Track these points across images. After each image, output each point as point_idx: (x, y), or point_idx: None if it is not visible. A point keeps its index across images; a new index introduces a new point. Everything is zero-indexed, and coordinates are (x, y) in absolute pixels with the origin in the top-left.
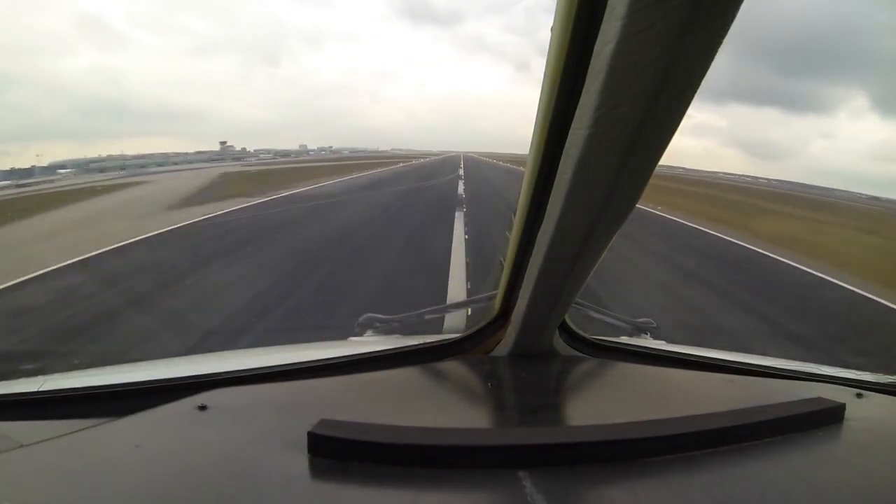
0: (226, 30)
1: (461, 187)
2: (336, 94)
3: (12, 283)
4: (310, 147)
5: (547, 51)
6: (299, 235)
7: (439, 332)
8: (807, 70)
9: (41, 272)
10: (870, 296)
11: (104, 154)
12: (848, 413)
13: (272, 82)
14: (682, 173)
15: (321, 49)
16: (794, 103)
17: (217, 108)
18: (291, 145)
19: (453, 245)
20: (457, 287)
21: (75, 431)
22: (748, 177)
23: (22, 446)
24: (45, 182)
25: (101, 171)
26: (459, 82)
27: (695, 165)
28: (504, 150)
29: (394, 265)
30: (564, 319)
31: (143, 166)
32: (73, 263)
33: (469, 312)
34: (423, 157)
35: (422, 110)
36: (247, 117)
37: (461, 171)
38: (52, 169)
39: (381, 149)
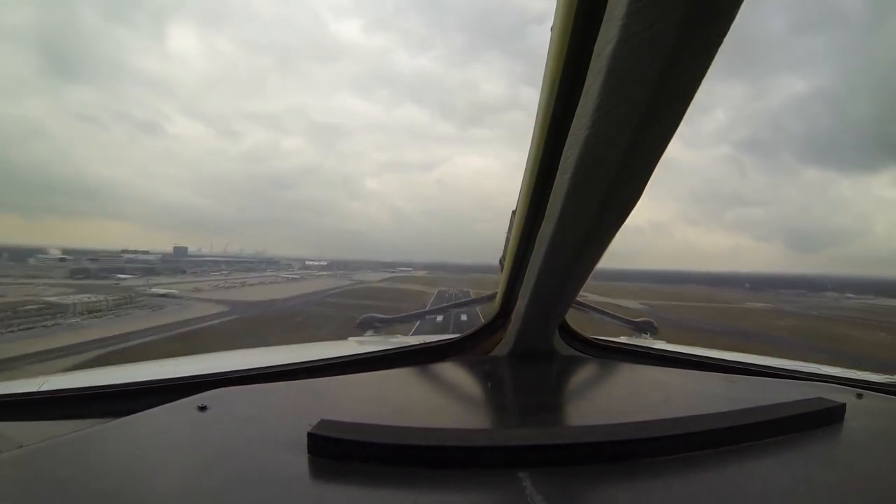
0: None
1: None
2: (305, 185)
3: None
4: (211, 251)
5: (547, 51)
6: None
7: (439, 332)
8: None
9: None
10: None
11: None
12: (848, 413)
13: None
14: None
15: (293, 131)
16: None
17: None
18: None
19: None
20: None
21: (75, 431)
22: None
23: (22, 446)
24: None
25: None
26: (449, 173)
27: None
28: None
29: None
30: (564, 319)
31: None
32: None
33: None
34: None
35: (411, 211)
36: (201, 208)
37: None
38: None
39: (311, 262)
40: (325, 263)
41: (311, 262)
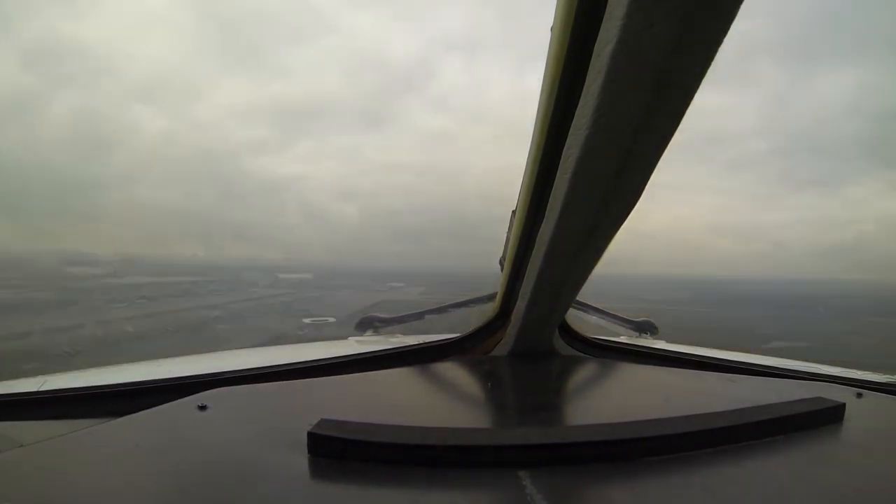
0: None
1: None
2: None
3: None
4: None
5: (547, 51)
6: None
7: (439, 332)
8: None
9: None
10: None
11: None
12: (848, 413)
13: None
14: None
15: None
16: None
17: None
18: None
19: None
20: None
21: (75, 431)
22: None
23: (22, 446)
24: None
25: None
26: (449, 173)
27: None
28: None
29: None
30: (564, 319)
31: None
32: None
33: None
34: None
35: (408, 212)
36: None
37: None
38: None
39: (284, 275)
40: (307, 277)
41: (284, 276)
